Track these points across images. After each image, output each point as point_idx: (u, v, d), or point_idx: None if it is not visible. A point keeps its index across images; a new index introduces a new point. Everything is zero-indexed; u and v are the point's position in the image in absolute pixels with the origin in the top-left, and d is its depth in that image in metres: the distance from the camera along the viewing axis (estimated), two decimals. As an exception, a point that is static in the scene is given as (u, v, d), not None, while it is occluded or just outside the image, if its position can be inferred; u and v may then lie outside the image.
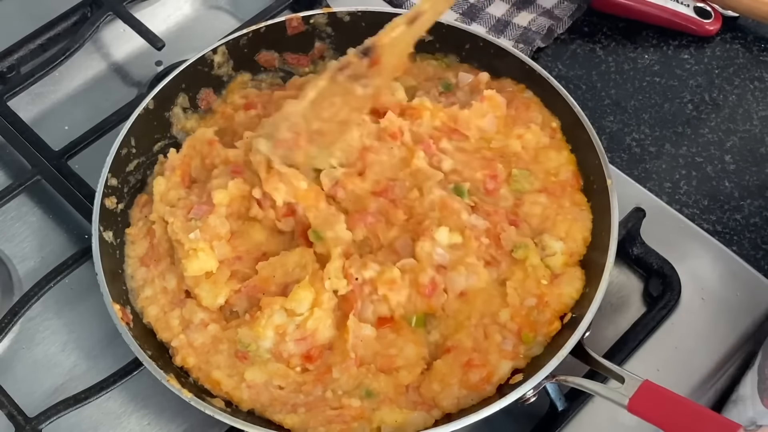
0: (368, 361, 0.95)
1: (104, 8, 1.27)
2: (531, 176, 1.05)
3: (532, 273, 0.98)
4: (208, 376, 0.95)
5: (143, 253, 1.04)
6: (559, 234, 1.01)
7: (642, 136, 1.24)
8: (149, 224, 1.05)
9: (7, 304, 1.05)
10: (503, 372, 0.94)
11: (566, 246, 1.00)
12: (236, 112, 1.14)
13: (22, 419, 0.97)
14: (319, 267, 0.98)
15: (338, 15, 1.16)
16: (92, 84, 1.29)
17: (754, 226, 1.16)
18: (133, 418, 1.02)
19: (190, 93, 1.14)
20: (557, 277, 0.99)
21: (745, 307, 1.06)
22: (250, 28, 1.16)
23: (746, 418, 0.97)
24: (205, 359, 0.96)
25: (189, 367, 0.96)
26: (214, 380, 0.95)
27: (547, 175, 1.06)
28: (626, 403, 0.86)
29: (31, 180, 1.14)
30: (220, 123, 1.14)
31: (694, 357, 1.03)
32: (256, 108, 1.13)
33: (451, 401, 0.93)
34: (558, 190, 1.05)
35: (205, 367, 0.96)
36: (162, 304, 1.00)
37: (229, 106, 1.15)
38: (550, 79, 1.09)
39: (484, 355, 0.94)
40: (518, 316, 0.96)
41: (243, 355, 0.95)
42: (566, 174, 1.06)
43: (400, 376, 0.94)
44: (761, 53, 1.32)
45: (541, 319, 0.96)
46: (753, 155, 1.22)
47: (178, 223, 1.01)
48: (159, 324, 0.99)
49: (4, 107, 1.19)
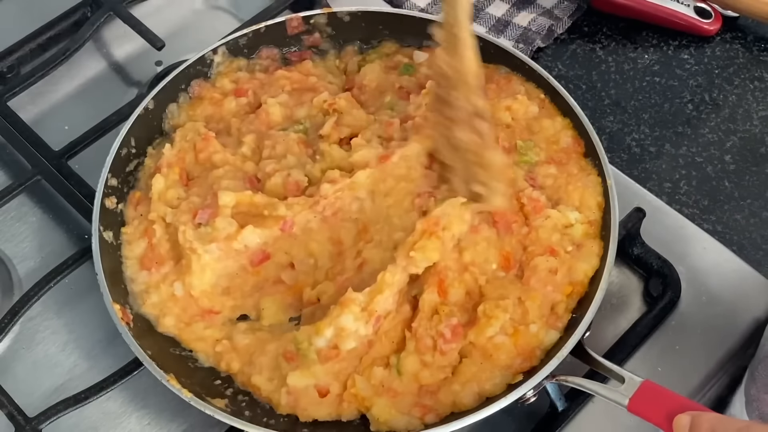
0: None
1: (104, 8, 1.27)
2: (536, 147, 1.06)
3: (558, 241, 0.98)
4: (248, 380, 0.95)
5: (142, 254, 1.02)
6: (573, 203, 1.01)
7: (642, 136, 1.24)
8: (146, 223, 1.03)
9: (7, 304, 1.05)
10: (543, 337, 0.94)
11: (583, 215, 1.01)
12: (225, 98, 1.12)
13: (22, 419, 0.96)
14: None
15: (338, 15, 1.16)
16: (92, 84, 1.29)
17: (754, 226, 1.16)
18: (133, 418, 1.02)
19: (191, 96, 1.14)
20: (578, 248, 0.99)
21: (745, 307, 1.06)
22: (250, 28, 1.16)
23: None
24: (249, 361, 0.96)
25: (234, 372, 0.96)
26: (254, 386, 0.95)
27: (548, 144, 1.06)
28: (626, 403, 0.86)
29: (31, 180, 1.14)
30: (209, 110, 1.12)
31: (694, 357, 1.03)
32: (246, 95, 1.12)
33: (471, 398, 0.92)
34: (563, 158, 1.05)
35: (248, 369, 0.96)
36: (176, 314, 0.99)
37: (217, 91, 1.13)
38: (550, 79, 1.09)
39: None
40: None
41: (290, 356, 0.94)
42: (567, 140, 1.07)
43: (422, 374, 0.93)
44: (761, 53, 1.32)
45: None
46: (753, 155, 1.22)
47: (189, 231, 0.98)
48: (185, 335, 0.98)
49: (4, 107, 1.19)
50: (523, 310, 0.95)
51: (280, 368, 0.94)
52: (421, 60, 1.14)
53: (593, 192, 1.02)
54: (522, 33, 1.31)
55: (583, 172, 1.04)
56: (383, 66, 1.15)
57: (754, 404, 0.95)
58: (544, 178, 1.04)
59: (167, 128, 1.12)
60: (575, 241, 0.99)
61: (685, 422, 0.80)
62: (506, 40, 1.30)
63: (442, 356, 0.93)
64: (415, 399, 0.93)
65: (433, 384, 0.93)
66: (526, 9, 1.35)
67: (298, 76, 1.14)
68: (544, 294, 0.96)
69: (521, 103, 1.07)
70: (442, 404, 0.93)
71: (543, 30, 1.31)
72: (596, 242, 0.99)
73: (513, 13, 1.34)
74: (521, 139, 1.06)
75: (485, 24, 1.34)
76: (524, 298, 0.95)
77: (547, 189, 1.03)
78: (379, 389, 0.93)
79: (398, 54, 1.17)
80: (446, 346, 0.93)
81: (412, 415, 0.92)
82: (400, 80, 1.13)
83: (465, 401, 0.92)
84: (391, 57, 1.16)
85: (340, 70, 1.19)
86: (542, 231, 0.99)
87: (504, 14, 1.34)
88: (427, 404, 0.93)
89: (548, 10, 1.34)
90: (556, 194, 1.03)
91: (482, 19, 1.34)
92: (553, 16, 1.33)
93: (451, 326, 0.93)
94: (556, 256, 0.98)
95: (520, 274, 0.98)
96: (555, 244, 0.98)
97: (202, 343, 0.98)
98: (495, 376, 0.93)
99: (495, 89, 1.10)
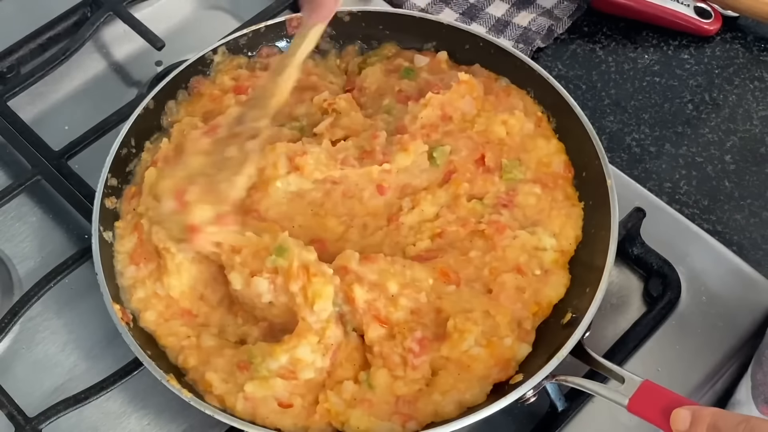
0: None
1: (104, 8, 1.27)
2: (522, 165, 1.06)
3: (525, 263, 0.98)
4: (202, 377, 0.94)
5: (132, 249, 1.01)
6: (552, 229, 1.01)
7: (642, 136, 1.24)
8: (137, 217, 1.03)
9: (7, 304, 1.05)
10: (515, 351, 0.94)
11: (558, 243, 1.01)
12: (225, 95, 1.12)
13: (22, 419, 0.96)
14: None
15: (338, 15, 1.16)
16: (92, 84, 1.29)
17: (754, 226, 1.16)
18: (133, 418, 1.02)
19: (189, 93, 1.14)
20: (546, 273, 0.99)
21: (745, 307, 1.06)
22: (250, 28, 1.16)
23: None
24: (206, 360, 0.95)
25: (188, 367, 0.96)
26: (207, 382, 0.93)
27: (539, 165, 1.06)
28: (626, 403, 0.86)
29: (31, 180, 1.14)
30: (208, 106, 1.12)
31: (694, 357, 1.03)
32: (246, 93, 1.12)
33: (453, 407, 0.92)
34: (551, 182, 1.05)
35: (202, 368, 0.95)
36: (159, 311, 0.98)
37: (217, 87, 1.13)
38: (550, 79, 1.09)
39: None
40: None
41: (244, 365, 0.93)
42: (558, 165, 1.06)
43: (396, 386, 0.93)
44: (761, 53, 1.32)
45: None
46: (753, 155, 1.22)
47: (162, 231, 0.98)
48: (161, 330, 0.98)
49: (4, 107, 1.19)
50: (493, 324, 0.95)
51: (234, 374, 0.93)
52: (421, 64, 1.14)
53: (574, 224, 1.02)
54: (522, 33, 1.31)
55: (567, 201, 1.04)
56: (384, 69, 1.15)
57: (760, 388, 0.95)
58: (525, 195, 1.03)
59: (165, 124, 1.12)
60: (544, 266, 0.99)
61: (684, 416, 0.80)
62: (506, 40, 1.30)
63: (414, 371, 0.93)
64: (392, 408, 0.92)
65: (409, 394, 0.93)
66: (526, 9, 1.35)
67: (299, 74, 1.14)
68: (513, 311, 0.96)
69: (518, 119, 1.07)
70: (422, 413, 0.92)
71: (543, 30, 1.31)
72: (564, 273, 1.00)
73: (513, 13, 1.34)
74: (510, 157, 1.06)
75: (485, 24, 1.34)
76: (493, 313, 0.95)
77: (526, 208, 1.03)
78: (352, 402, 0.92)
79: (399, 57, 1.17)
80: (417, 360, 0.92)
81: (393, 422, 0.91)
82: (400, 84, 1.13)
83: (447, 410, 0.92)
84: (391, 60, 1.16)
85: (341, 70, 1.19)
86: (510, 250, 0.99)
87: (504, 14, 1.34)
88: (406, 413, 0.92)
89: (548, 10, 1.34)
90: (537, 215, 1.02)
91: (482, 19, 1.34)
92: (553, 16, 1.33)
93: (417, 340, 0.93)
94: (524, 276, 0.98)
95: (482, 289, 0.98)
96: (522, 264, 0.99)
97: (173, 338, 0.97)
98: (473, 386, 0.93)
99: (493, 101, 1.10)
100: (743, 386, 0.99)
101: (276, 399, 0.92)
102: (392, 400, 0.92)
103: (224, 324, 0.99)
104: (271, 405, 0.92)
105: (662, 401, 0.84)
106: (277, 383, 0.91)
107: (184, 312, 0.99)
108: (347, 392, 0.92)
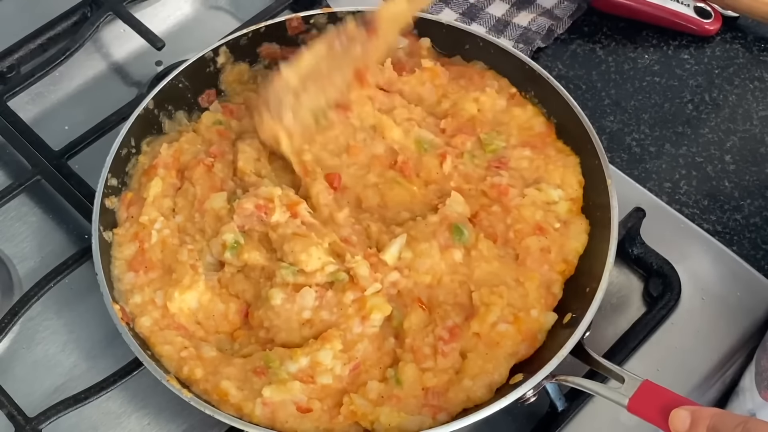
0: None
1: (104, 8, 1.27)
2: (501, 134, 1.08)
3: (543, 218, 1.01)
4: (216, 386, 0.93)
5: (131, 257, 1.01)
6: (555, 182, 1.04)
7: (642, 136, 1.24)
8: (137, 227, 1.02)
9: (7, 304, 1.05)
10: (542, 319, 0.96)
11: (565, 192, 1.03)
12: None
13: (22, 419, 0.96)
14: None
15: (338, 15, 1.16)
16: (92, 84, 1.29)
17: (754, 226, 1.16)
18: (133, 418, 1.02)
19: (189, 93, 1.14)
20: (566, 225, 1.01)
21: (745, 307, 1.06)
22: (250, 28, 1.16)
23: (746, 410, 0.98)
24: (215, 370, 0.94)
25: (196, 378, 0.94)
26: (222, 391, 0.92)
27: (521, 130, 1.09)
28: (626, 403, 0.86)
29: (31, 180, 1.14)
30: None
31: (694, 357, 1.03)
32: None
33: (484, 390, 0.93)
34: (539, 143, 1.08)
35: (213, 378, 0.93)
36: (155, 318, 0.97)
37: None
38: (550, 79, 1.09)
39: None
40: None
41: (261, 371, 0.93)
42: (540, 126, 1.09)
43: (424, 378, 0.93)
44: (761, 53, 1.32)
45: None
46: (753, 155, 1.22)
47: (195, 252, 1.00)
48: (155, 337, 0.96)
49: (4, 107, 1.19)
50: (522, 292, 0.96)
51: (250, 381, 0.93)
52: (401, 45, 1.16)
53: (573, 171, 1.05)
54: (522, 33, 1.31)
55: (561, 154, 1.07)
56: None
57: (763, 374, 0.95)
58: (518, 160, 1.06)
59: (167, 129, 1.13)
60: (561, 218, 1.02)
61: (684, 416, 0.80)
62: (506, 40, 1.30)
63: (444, 358, 0.93)
64: (421, 401, 0.92)
65: (439, 385, 0.93)
66: (526, 9, 1.35)
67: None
68: (542, 274, 0.98)
69: (489, 96, 1.10)
70: (453, 403, 0.92)
71: (543, 30, 1.31)
72: (581, 219, 1.02)
73: (513, 13, 1.34)
74: (484, 132, 1.08)
75: (485, 24, 1.34)
76: (523, 279, 0.97)
77: (522, 170, 1.05)
78: (379, 400, 0.92)
79: None
80: (447, 347, 0.93)
81: (423, 414, 0.92)
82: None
83: (478, 394, 0.93)
84: None
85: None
86: (524, 209, 1.01)
87: (504, 14, 1.34)
88: (436, 404, 0.92)
89: (548, 10, 1.34)
90: (535, 174, 1.05)
91: (482, 19, 1.34)
92: (553, 16, 1.33)
93: (448, 328, 0.94)
94: (546, 235, 1.00)
95: (511, 256, 1.00)
96: (542, 222, 1.01)
97: (168, 347, 0.95)
98: (501, 365, 0.94)
99: (464, 84, 1.13)
100: (747, 373, 0.99)
101: (295, 403, 0.91)
102: (420, 394, 0.93)
103: (222, 345, 0.98)
104: (290, 409, 0.91)
105: (662, 401, 0.84)
106: (295, 386, 0.91)
107: (179, 326, 0.98)
108: (373, 392, 0.92)
